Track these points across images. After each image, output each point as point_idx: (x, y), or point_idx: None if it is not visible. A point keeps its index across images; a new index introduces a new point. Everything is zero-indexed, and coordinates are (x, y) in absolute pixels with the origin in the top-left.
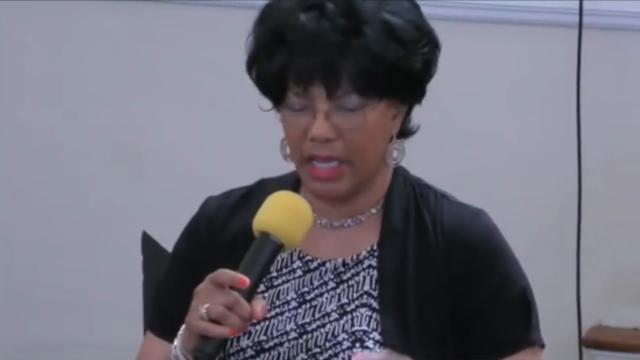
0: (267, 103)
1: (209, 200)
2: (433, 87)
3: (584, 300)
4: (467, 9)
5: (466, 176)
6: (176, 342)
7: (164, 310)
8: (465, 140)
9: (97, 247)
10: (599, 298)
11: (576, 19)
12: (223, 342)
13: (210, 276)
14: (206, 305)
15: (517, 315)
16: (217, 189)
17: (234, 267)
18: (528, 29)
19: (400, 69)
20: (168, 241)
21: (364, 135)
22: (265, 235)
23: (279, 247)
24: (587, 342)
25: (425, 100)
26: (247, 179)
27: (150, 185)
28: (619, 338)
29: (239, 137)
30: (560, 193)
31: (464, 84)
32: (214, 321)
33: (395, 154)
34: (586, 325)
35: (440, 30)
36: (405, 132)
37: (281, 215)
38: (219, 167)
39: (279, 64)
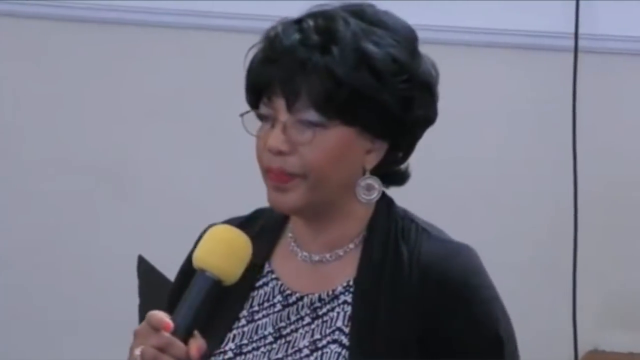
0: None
1: (210, 228)
2: None
3: (580, 325)
4: (462, 33)
5: (461, 201)
6: None
7: None
8: (459, 164)
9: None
10: (595, 323)
11: (572, 42)
12: None
13: (146, 316)
14: (140, 348)
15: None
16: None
17: (232, 295)
18: (523, 53)
19: (369, 98)
20: (161, 263)
21: (319, 153)
22: (202, 272)
23: (216, 283)
24: None
25: None
26: (231, 197)
27: (136, 207)
28: None
29: (223, 155)
30: (556, 218)
31: (458, 109)
32: None
33: (365, 190)
34: (582, 350)
35: (435, 54)
36: (392, 176)
37: (216, 251)
38: (203, 186)
39: (255, 72)
